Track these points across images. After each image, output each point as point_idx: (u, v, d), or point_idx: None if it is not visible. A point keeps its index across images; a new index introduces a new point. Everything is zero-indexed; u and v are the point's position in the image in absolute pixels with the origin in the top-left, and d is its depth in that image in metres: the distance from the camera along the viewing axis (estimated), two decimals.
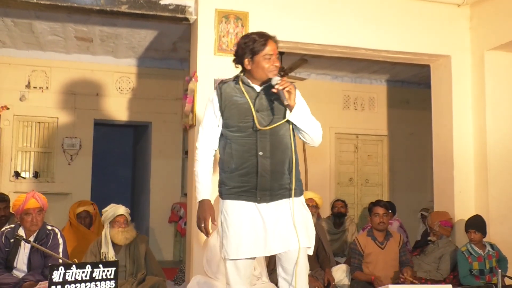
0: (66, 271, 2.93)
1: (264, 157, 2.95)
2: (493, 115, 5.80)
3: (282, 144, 3.00)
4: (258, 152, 2.95)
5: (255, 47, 3.00)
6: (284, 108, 2.96)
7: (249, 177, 2.95)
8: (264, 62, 2.99)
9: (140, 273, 4.42)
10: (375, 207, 5.01)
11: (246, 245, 2.92)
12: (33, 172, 7.69)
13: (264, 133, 2.96)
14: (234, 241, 2.93)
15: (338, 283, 5.07)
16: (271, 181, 2.96)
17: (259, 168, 2.94)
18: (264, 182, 2.94)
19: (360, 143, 9.29)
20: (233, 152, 2.98)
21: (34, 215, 4.17)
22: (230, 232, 2.95)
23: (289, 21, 5.46)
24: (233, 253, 2.94)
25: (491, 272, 4.88)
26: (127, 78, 8.12)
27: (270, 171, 2.95)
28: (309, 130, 2.99)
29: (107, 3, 5.05)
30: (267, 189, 2.95)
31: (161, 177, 8.19)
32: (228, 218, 2.97)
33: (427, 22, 5.89)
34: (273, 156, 2.96)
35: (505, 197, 5.73)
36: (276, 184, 2.96)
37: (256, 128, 2.95)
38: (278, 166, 2.97)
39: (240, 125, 2.98)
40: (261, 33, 3.09)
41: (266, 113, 2.98)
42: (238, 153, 2.97)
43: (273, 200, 2.97)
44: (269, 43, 3.02)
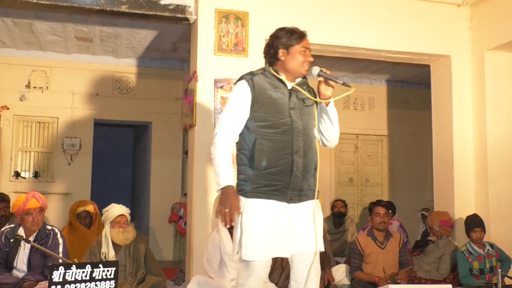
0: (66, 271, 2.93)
1: (299, 156, 2.89)
2: (493, 115, 5.80)
3: (312, 145, 2.99)
4: (294, 150, 2.88)
5: (293, 38, 2.97)
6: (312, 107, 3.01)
7: (281, 175, 2.86)
8: (299, 54, 2.97)
9: (140, 273, 4.41)
10: (376, 207, 5.00)
11: (271, 246, 2.83)
12: (33, 172, 7.69)
13: (299, 132, 2.93)
14: (258, 242, 2.81)
15: (338, 283, 5.07)
16: (302, 181, 2.91)
17: (294, 167, 2.87)
18: (296, 182, 2.88)
19: (360, 143, 9.29)
20: (265, 149, 2.85)
21: (35, 215, 4.17)
22: (255, 232, 2.81)
23: (289, 21, 5.39)
24: (257, 254, 2.81)
25: (491, 272, 4.88)
26: (127, 78, 8.12)
27: (302, 170, 2.90)
28: (336, 126, 3.03)
29: (107, 3, 5.05)
30: (297, 189, 2.90)
31: (161, 177, 8.19)
32: (252, 217, 2.83)
33: (427, 22, 5.89)
34: (306, 155, 2.93)
35: (505, 196, 5.73)
36: (306, 185, 2.93)
37: (292, 126, 2.90)
38: (309, 166, 2.94)
39: (275, 121, 2.89)
40: (296, 28, 3.06)
41: (298, 111, 2.96)
42: (271, 150, 2.86)
43: (301, 201, 2.93)
44: (305, 38, 3.01)
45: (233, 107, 2.92)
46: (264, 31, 5.32)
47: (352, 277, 4.98)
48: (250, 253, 2.81)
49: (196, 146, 5.12)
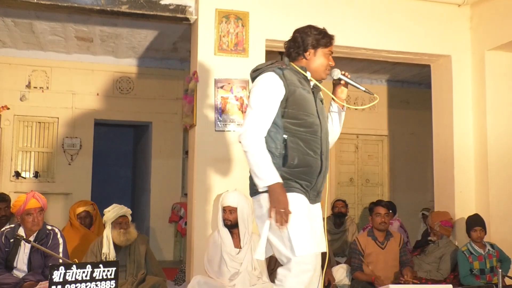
0: (67, 271, 2.93)
1: (325, 158, 2.90)
2: (493, 115, 5.80)
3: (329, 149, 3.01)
4: (322, 151, 2.88)
5: (323, 40, 2.95)
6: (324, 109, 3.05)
7: (310, 175, 2.83)
8: (325, 58, 2.99)
9: (140, 273, 4.42)
10: (377, 207, 5.00)
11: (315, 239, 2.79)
12: (34, 172, 7.69)
13: (325, 133, 2.96)
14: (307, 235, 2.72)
15: (338, 283, 5.07)
16: (322, 183, 2.93)
17: (323, 168, 2.87)
18: (320, 183, 2.89)
19: (360, 143, 9.29)
20: (298, 148, 2.80)
21: (35, 215, 4.17)
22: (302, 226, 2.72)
23: (289, 21, 5.45)
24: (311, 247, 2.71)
25: (492, 272, 4.88)
26: (128, 78, 8.11)
27: (324, 172, 2.91)
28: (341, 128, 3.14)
29: (107, 3, 5.05)
30: (317, 190, 2.91)
31: (161, 177, 8.19)
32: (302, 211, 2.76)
33: (428, 22, 5.89)
34: (327, 158, 2.92)
35: (505, 196, 5.73)
36: (322, 188, 2.95)
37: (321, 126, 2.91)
38: (327, 169, 2.94)
39: (307, 120, 2.85)
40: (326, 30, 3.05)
41: (321, 112, 2.99)
42: (303, 150, 2.81)
43: (316, 202, 2.93)
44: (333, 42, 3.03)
45: (265, 102, 2.78)
46: (264, 31, 5.34)
47: (352, 277, 4.97)
48: (309, 245, 2.71)
49: (196, 146, 5.11)
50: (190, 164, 5.45)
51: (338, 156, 9.07)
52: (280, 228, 2.66)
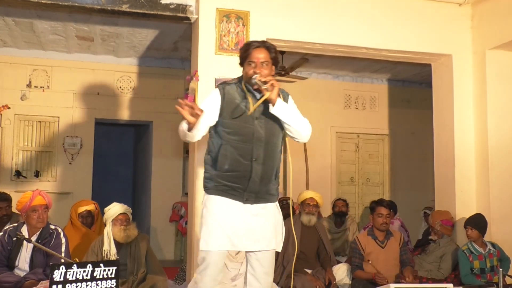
0: (67, 270, 2.93)
1: (258, 163, 3.09)
2: (494, 114, 5.79)
3: (274, 153, 3.17)
4: (253, 158, 3.08)
5: (243, 52, 3.14)
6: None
7: (240, 179, 3.09)
8: (248, 67, 3.11)
9: (141, 272, 4.42)
10: (379, 207, 4.97)
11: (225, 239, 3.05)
12: (34, 171, 7.69)
13: (260, 140, 3.10)
14: (214, 234, 3.04)
15: (339, 282, 5.07)
16: (260, 185, 3.12)
17: (252, 174, 3.08)
18: (253, 186, 3.10)
19: (361, 142, 9.29)
20: (228, 154, 3.09)
21: (40, 212, 4.19)
22: (213, 225, 3.05)
23: (290, 20, 5.46)
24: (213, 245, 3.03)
25: (492, 271, 4.88)
26: (128, 78, 8.12)
27: (261, 176, 3.11)
28: (293, 124, 3.10)
29: (108, 2, 5.05)
30: (254, 191, 3.11)
31: (162, 177, 8.19)
32: (211, 211, 3.09)
33: (428, 21, 5.89)
34: (265, 162, 3.12)
35: (506, 196, 5.73)
36: (264, 189, 3.14)
37: (254, 135, 3.08)
38: (267, 173, 3.14)
39: (239, 129, 3.09)
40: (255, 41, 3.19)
41: (263, 121, 3.11)
42: (233, 156, 3.08)
43: (257, 203, 3.14)
44: (255, 51, 3.09)
45: (203, 104, 3.15)
46: (265, 31, 5.34)
47: (353, 276, 4.97)
48: (208, 244, 3.04)
49: (197, 145, 5.11)
50: (191, 164, 5.45)
51: (338, 155, 9.07)
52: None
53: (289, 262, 5.05)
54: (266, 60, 3.09)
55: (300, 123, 3.14)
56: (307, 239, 5.22)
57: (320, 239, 5.30)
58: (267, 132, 3.12)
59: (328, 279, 4.96)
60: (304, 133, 3.17)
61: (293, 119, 3.10)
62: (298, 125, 3.12)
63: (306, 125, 3.17)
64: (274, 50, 3.15)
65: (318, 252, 5.31)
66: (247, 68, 3.10)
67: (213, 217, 3.08)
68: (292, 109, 3.14)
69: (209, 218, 3.09)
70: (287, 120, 3.08)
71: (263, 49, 3.10)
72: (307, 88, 8.72)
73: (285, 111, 3.07)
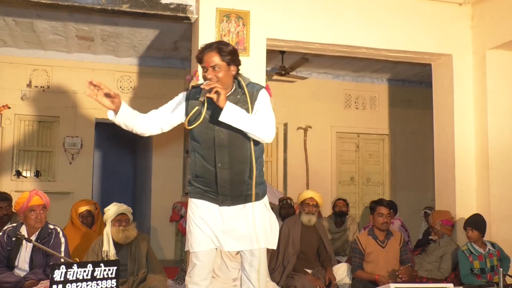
0: (68, 270, 2.93)
1: (223, 168, 3.08)
2: (494, 114, 5.79)
3: (241, 155, 3.11)
4: (217, 163, 3.08)
5: (198, 57, 3.11)
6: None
7: (210, 184, 3.13)
8: (203, 72, 3.08)
9: (141, 272, 4.42)
10: (379, 207, 4.96)
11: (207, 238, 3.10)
12: (35, 171, 7.69)
13: (222, 146, 3.07)
14: (196, 235, 3.11)
15: (339, 282, 5.07)
16: (231, 189, 3.11)
17: (218, 179, 3.09)
18: (224, 190, 3.11)
19: (361, 142, 9.29)
20: (197, 161, 3.15)
21: (38, 212, 4.18)
22: (193, 227, 3.13)
23: (290, 20, 5.46)
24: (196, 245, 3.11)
25: (492, 271, 4.88)
26: (128, 77, 8.12)
27: (229, 180, 3.10)
28: (245, 129, 2.98)
29: (108, 2, 5.05)
30: (227, 195, 3.12)
31: (162, 176, 8.19)
32: (192, 214, 3.16)
33: (429, 21, 5.89)
34: (232, 167, 3.09)
35: (506, 196, 5.73)
36: (237, 192, 3.12)
37: (215, 140, 3.07)
38: (237, 176, 3.11)
39: (201, 136, 3.11)
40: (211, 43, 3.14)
41: (225, 125, 3.01)
42: (200, 163, 3.14)
43: (234, 204, 3.14)
44: (206, 55, 3.04)
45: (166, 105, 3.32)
46: (265, 30, 5.34)
47: (353, 276, 4.97)
48: (192, 245, 3.13)
49: None
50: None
51: (339, 155, 9.07)
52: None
53: (289, 262, 5.05)
54: (217, 63, 3.00)
55: (253, 126, 2.98)
56: (307, 239, 5.22)
57: (320, 239, 5.30)
58: (229, 137, 3.05)
59: (328, 279, 4.96)
60: (262, 136, 3.03)
61: (244, 124, 2.95)
62: (251, 129, 2.98)
63: (262, 128, 3.01)
64: (227, 51, 3.03)
65: (318, 252, 5.31)
66: (202, 73, 3.07)
67: (193, 219, 3.14)
68: (242, 114, 2.96)
69: (190, 220, 3.17)
70: (238, 125, 2.96)
71: (213, 53, 3.01)
72: (307, 88, 8.73)
73: (234, 117, 2.93)
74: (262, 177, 3.25)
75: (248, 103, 3.06)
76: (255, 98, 3.10)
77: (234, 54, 3.07)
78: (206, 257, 3.14)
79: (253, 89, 3.12)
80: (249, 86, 3.12)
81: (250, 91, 3.10)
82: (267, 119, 3.06)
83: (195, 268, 3.14)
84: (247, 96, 3.08)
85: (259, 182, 3.18)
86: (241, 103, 3.06)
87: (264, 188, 3.25)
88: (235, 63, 3.09)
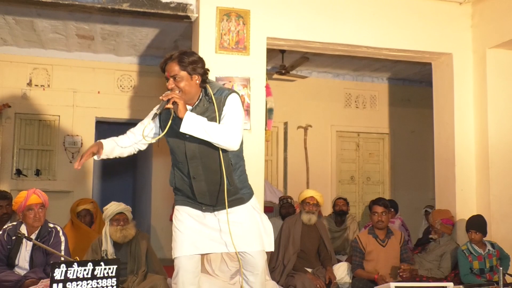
0: (68, 268, 2.93)
1: (198, 181, 3.11)
2: (494, 113, 5.79)
3: (214, 165, 3.08)
4: (192, 176, 3.11)
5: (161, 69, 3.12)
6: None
7: (188, 194, 3.19)
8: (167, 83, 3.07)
9: (141, 271, 4.43)
10: (374, 206, 5.00)
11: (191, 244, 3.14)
12: (35, 170, 7.69)
13: (194, 158, 3.07)
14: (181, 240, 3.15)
15: (339, 281, 5.07)
16: (210, 198, 3.15)
17: (195, 190, 3.13)
18: (203, 199, 3.16)
19: (361, 141, 9.29)
20: (175, 173, 3.22)
21: (36, 211, 4.19)
22: (177, 233, 3.19)
23: (290, 19, 5.46)
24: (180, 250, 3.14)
25: (491, 271, 4.88)
26: (129, 76, 8.12)
27: (207, 191, 3.13)
28: (207, 138, 2.93)
29: (108, 1, 5.05)
30: (208, 203, 3.17)
31: (162, 175, 8.17)
32: (176, 220, 3.22)
33: (429, 20, 5.88)
34: (207, 178, 3.11)
35: (506, 195, 5.73)
36: (219, 199, 3.14)
37: (186, 154, 3.07)
38: (214, 186, 3.12)
39: (173, 149, 3.15)
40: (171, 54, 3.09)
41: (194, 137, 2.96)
42: (178, 176, 3.20)
43: (217, 210, 3.17)
44: (167, 66, 3.05)
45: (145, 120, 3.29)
46: (265, 29, 5.34)
47: (353, 275, 4.98)
48: (175, 251, 3.17)
49: None
50: None
51: (339, 154, 9.08)
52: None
53: (290, 261, 5.06)
54: (177, 73, 2.99)
55: (215, 135, 2.91)
56: (308, 238, 5.22)
57: (320, 238, 5.30)
58: (200, 148, 3.03)
59: (328, 278, 4.96)
60: (225, 144, 2.96)
61: (205, 133, 2.90)
62: (213, 137, 2.92)
63: (225, 135, 2.94)
64: (187, 61, 2.99)
65: (319, 251, 5.31)
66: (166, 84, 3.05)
67: (177, 225, 3.20)
68: (201, 123, 2.90)
69: (174, 227, 3.22)
70: (199, 135, 2.90)
71: (173, 63, 3.00)
72: (307, 87, 8.73)
73: (193, 126, 2.89)
74: (245, 181, 3.24)
75: (215, 111, 3.00)
76: (223, 104, 3.02)
77: (195, 63, 3.02)
78: (188, 262, 3.16)
79: (221, 96, 3.05)
80: (217, 93, 3.05)
81: (218, 98, 3.03)
82: (231, 125, 2.97)
83: (178, 274, 3.17)
84: (214, 104, 3.01)
85: (242, 187, 3.19)
86: (209, 111, 3.02)
87: (249, 191, 3.26)
88: (198, 72, 3.03)
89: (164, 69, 3.05)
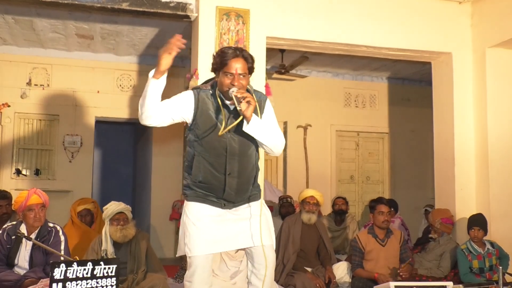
0: (67, 268, 2.93)
1: (232, 177, 3.04)
2: (494, 112, 5.80)
3: (249, 164, 3.10)
4: (227, 172, 3.02)
5: (221, 61, 2.95)
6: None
7: (215, 191, 3.07)
8: (223, 78, 2.93)
9: (141, 270, 4.43)
10: (379, 205, 4.94)
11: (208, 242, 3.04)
12: (34, 169, 7.69)
13: (233, 154, 3.02)
14: (197, 239, 3.03)
15: (339, 281, 5.07)
16: (236, 196, 3.09)
17: (226, 187, 3.04)
18: (229, 197, 3.07)
19: (361, 140, 9.29)
20: (201, 167, 3.04)
21: (37, 211, 4.18)
22: (193, 231, 3.04)
23: (290, 19, 5.46)
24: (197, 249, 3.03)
25: (491, 270, 4.88)
26: (128, 76, 8.11)
27: (236, 189, 3.07)
28: (266, 142, 2.97)
29: (108, 1, 5.05)
30: (231, 201, 3.10)
31: (162, 175, 8.19)
32: (191, 218, 3.08)
33: (428, 19, 5.89)
34: (240, 175, 3.07)
35: (506, 194, 5.73)
36: (240, 198, 3.12)
37: (227, 149, 3.00)
38: (244, 184, 3.10)
39: (212, 143, 3.00)
40: (234, 48, 3.01)
41: (237, 132, 2.97)
42: (207, 170, 3.04)
43: (236, 206, 3.13)
44: (233, 61, 2.92)
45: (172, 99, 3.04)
46: (265, 29, 5.34)
47: (353, 275, 4.98)
48: (191, 250, 3.04)
49: None
50: None
51: (338, 154, 9.08)
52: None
53: (289, 261, 5.06)
54: (244, 71, 2.93)
55: (273, 140, 2.99)
56: (308, 237, 5.23)
57: (320, 237, 5.31)
58: (241, 145, 3.03)
59: (328, 277, 4.97)
60: (276, 149, 3.04)
61: (266, 137, 2.95)
62: (271, 142, 2.99)
63: (279, 141, 3.03)
64: (251, 59, 3.00)
65: (318, 251, 5.31)
66: (223, 78, 2.92)
67: (193, 223, 3.07)
68: (266, 126, 2.96)
69: (189, 224, 3.08)
70: (260, 138, 2.94)
71: (241, 59, 2.93)
72: (307, 86, 8.73)
73: (259, 129, 2.90)
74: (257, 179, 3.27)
75: (258, 112, 2.97)
76: (263, 107, 3.06)
77: (254, 64, 3.05)
78: (206, 261, 3.09)
79: (260, 98, 3.07)
80: (255, 94, 3.04)
81: (258, 100, 3.02)
82: (280, 133, 3.08)
83: (196, 273, 3.06)
84: (257, 108, 2.96)
85: (258, 184, 3.22)
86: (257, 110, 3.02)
87: (260, 187, 3.26)
88: (251, 74, 3.04)
89: (226, 62, 2.92)
